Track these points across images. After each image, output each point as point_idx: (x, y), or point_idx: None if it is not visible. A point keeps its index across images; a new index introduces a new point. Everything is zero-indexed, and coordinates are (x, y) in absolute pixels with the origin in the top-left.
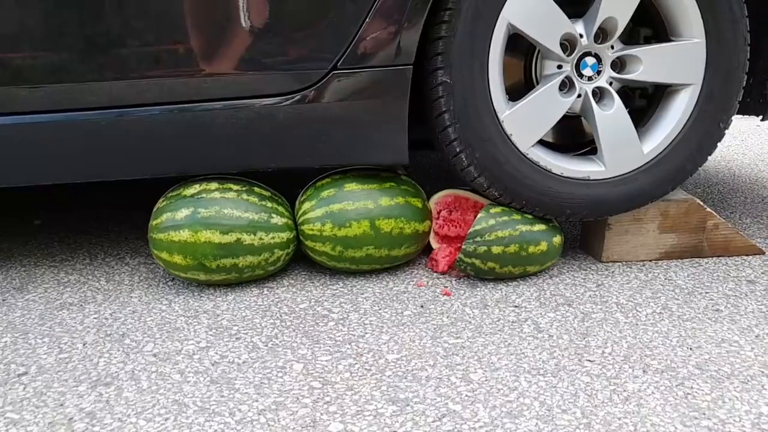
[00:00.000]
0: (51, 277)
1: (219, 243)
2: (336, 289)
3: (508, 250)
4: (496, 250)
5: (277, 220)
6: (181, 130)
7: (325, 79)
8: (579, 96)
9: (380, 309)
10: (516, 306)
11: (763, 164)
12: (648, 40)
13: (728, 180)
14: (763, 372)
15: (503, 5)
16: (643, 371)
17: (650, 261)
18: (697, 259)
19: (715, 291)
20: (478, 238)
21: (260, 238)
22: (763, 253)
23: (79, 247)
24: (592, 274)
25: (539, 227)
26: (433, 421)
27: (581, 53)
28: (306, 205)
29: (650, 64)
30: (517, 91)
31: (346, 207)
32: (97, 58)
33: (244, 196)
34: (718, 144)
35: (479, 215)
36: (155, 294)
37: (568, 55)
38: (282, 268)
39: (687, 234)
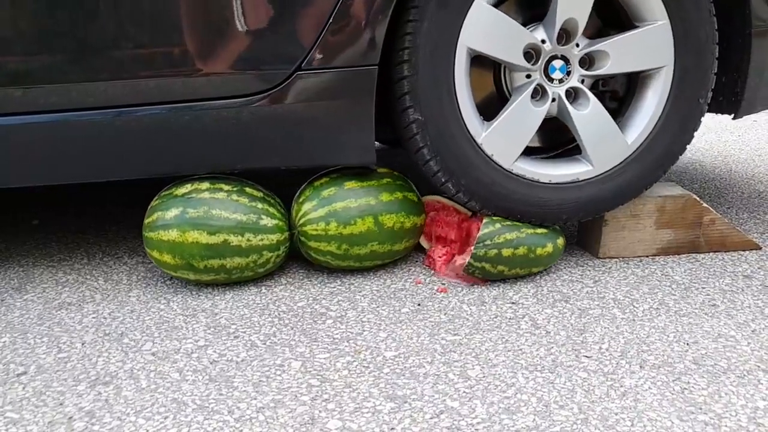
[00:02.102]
0: (49, 277)
1: (206, 243)
2: (334, 287)
3: (518, 252)
4: (506, 252)
5: (266, 221)
6: (145, 133)
7: (289, 80)
8: (553, 100)
9: (378, 306)
10: (513, 302)
11: (760, 160)
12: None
13: (725, 176)
14: (759, 367)
15: (460, 32)
16: (640, 367)
17: (647, 257)
18: (693, 255)
19: (711, 286)
20: (488, 242)
21: (248, 240)
22: (760, 248)
23: (77, 246)
24: (589, 271)
25: (542, 230)
26: (431, 418)
27: (548, 58)
28: (306, 206)
29: (618, 55)
30: (491, 104)
31: (349, 205)
32: (64, 60)
33: (234, 196)
34: (701, 120)
35: (484, 221)
36: (153, 293)
37: (534, 63)
38: (273, 270)
39: (683, 230)
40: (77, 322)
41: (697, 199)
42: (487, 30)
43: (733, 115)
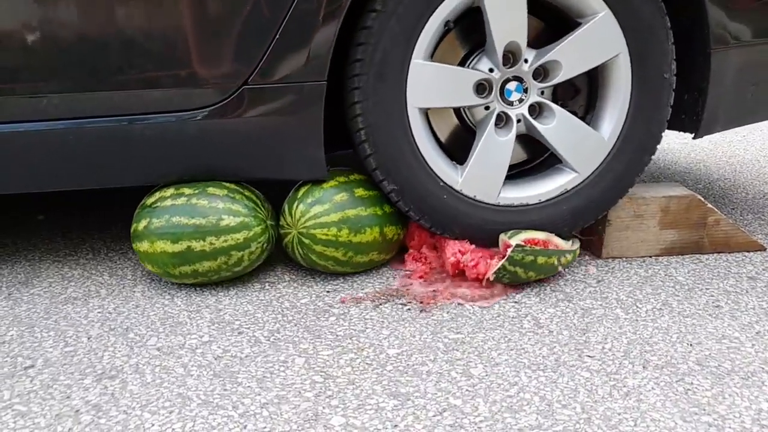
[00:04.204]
0: (55, 272)
1: (172, 252)
2: (336, 285)
3: (550, 260)
4: (540, 260)
5: (228, 221)
6: (92, 144)
7: (236, 94)
8: (519, 121)
9: (380, 304)
10: (516, 302)
11: (765, 160)
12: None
13: (729, 176)
14: (763, 368)
15: (406, 97)
16: (643, 367)
17: (650, 257)
18: (697, 256)
19: (715, 287)
20: (527, 247)
21: (211, 244)
22: (764, 249)
23: (82, 242)
24: (592, 270)
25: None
26: (434, 416)
27: (501, 83)
28: (317, 209)
29: (570, 59)
30: (460, 140)
31: (360, 213)
32: (12, 71)
33: (194, 200)
34: (673, 93)
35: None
36: (158, 288)
37: (489, 95)
38: (253, 267)
39: (687, 230)
40: (83, 316)
41: (702, 199)
42: (431, 85)
43: (693, 135)
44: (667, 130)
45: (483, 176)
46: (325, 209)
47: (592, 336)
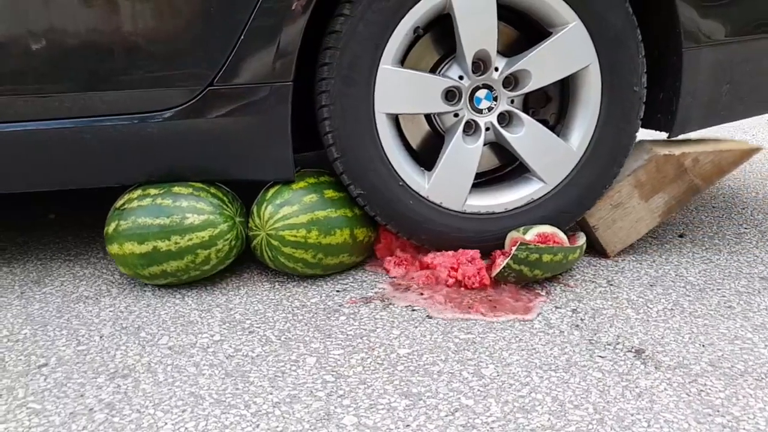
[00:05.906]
0: (67, 271)
1: (140, 253)
2: (346, 284)
3: (556, 258)
4: (546, 258)
5: (192, 219)
6: (57, 145)
7: (201, 96)
8: (488, 129)
9: (390, 304)
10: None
11: None
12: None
13: (739, 176)
14: None
15: (373, 102)
16: (656, 368)
17: (658, 253)
18: (708, 257)
19: (727, 288)
20: (532, 245)
21: (176, 243)
22: (761, 149)
23: (93, 241)
24: (602, 270)
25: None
26: (446, 416)
27: (470, 91)
28: (286, 210)
29: (540, 68)
30: (430, 145)
31: (330, 215)
32: None
33: (159, 200)
34: (643, 106)
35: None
36: (168, 288)
37: (458, 102)
38: (224, 265)
39: (672, 185)
40: (95, 315)
41: (667, 153)
42: (399, 91)
43: (668, 134)
44: (646, 130)
45: (449, 183)
46: (293, 210)
47: (603, 336)
